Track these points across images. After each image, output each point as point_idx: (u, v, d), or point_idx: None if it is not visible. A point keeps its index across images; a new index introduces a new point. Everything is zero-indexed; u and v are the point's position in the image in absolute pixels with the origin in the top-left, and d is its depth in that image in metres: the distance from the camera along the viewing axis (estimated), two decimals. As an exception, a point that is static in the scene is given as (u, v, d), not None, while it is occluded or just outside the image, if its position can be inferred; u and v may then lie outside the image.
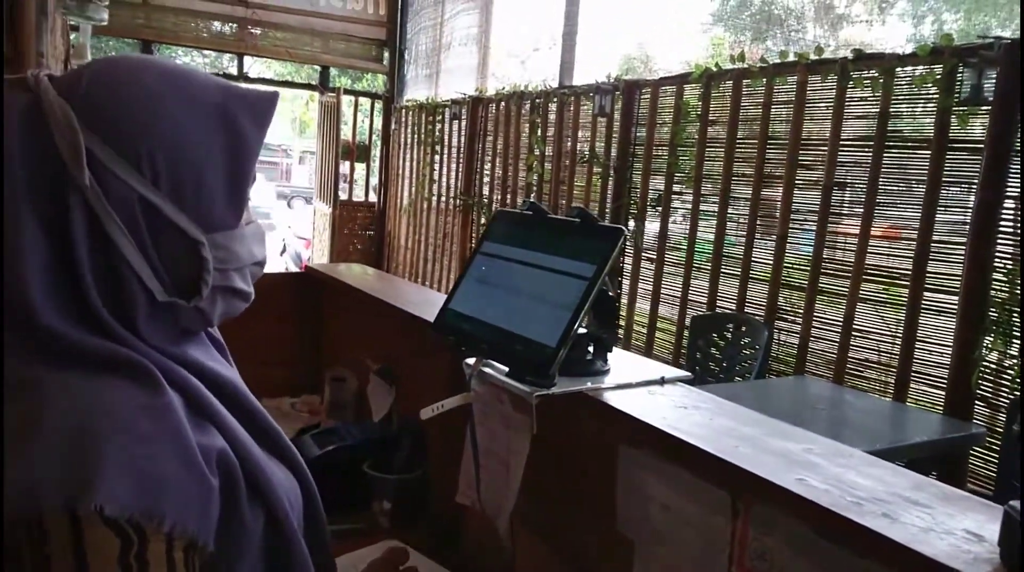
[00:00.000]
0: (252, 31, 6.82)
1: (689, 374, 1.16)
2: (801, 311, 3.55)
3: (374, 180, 7.79)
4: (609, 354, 1.15)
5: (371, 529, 1.52)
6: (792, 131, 3.56)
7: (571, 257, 1.06)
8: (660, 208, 4.29)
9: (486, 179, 5.98)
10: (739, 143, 3.85)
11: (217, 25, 6.85)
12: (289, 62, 7.92)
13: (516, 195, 5.56)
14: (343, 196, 7.56)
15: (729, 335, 3.80)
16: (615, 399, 1.04)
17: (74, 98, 0.68)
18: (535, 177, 5.34)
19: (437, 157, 6.66)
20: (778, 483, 0.77)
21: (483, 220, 5.99)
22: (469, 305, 1.17)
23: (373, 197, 7.80)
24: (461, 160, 6.26)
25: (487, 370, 1.12)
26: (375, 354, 1.85)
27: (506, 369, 1.09)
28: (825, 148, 3.43)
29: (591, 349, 1.14)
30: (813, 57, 3.50)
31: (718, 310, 3.96)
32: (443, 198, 6.55)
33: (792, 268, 3.63)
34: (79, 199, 0.66)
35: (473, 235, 6.17)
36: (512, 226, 1.21)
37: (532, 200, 1.22)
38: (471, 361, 1.14)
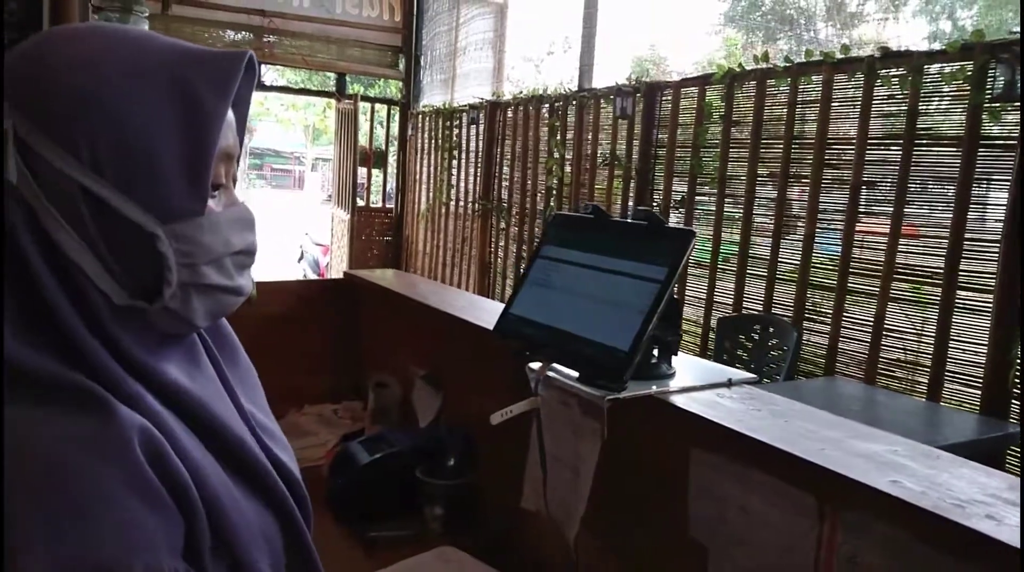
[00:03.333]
0: (268, 39, 6.86)
1: (755, 376, 1.15)
2: (830, 311, 3.52)
3: (391, 186, 7.82)
4: (673, 357, 1.15)
5: (424, 535, 1.52)
6: (818, 130, 3.54)
7: (640, 260, 1.05)
8: (683, 210, 4.28)
9: (505, 183, 5.98)
10: (763, 143, 3.83)
11: (232, 34, 6.90)
12: (304, 70, 7.95)
13: (536, 199, 5.56)
14: (360, 202, 7.59)
15: (756, 336, 3.78)
16: (685, 402, 1.04)
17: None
18: (555, 181, 5.33)
19: (455, 162, 6.67)
20: (873, 485, 0.76)
21: (502, 225, 5.99)
22: (532, 309, 1.17)
23: (390, 203, 7.83)
24: (479, 164, 6.26)
25: (553, 375, 1.11)
26: (420, 359, 1.85)
27: (575, 374, 1.08)
28: (852, 147, 3.42)
29: (655, 352, 1.13)
30: (839, 56, 3.48)
31: (744, 311, 3.94)
32: (461, 203, 6.55)
33: (820, 268, 3.61)
34: (15, 194, 0.59)
35: (492, 240, 6.16)
36: (573, 229, 1.21)
37: (594, 203, 1.21)
38: (536, 366, 1.13)
